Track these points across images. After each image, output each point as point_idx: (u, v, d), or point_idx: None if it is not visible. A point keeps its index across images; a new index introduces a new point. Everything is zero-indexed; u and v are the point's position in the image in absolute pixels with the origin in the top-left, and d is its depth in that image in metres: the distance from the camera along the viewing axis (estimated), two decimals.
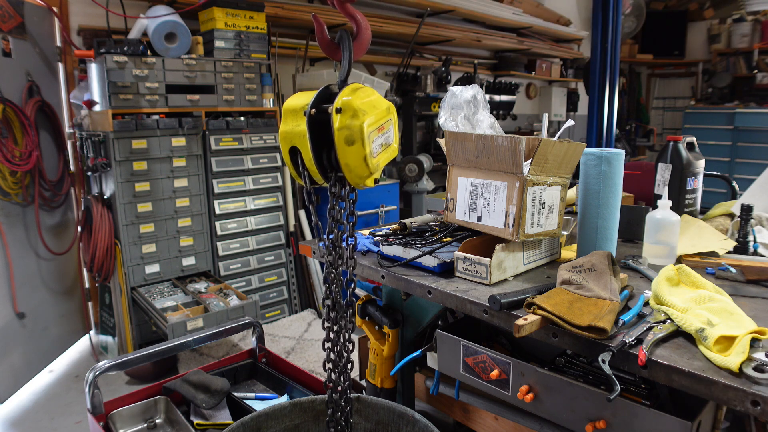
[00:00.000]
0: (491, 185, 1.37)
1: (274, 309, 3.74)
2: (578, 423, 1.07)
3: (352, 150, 0.81)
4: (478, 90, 1.57)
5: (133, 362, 1.54)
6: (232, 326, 1.72)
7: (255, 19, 3.44)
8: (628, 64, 8.32)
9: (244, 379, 1.74)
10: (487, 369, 1.21)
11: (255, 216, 3.58)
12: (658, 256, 1.43)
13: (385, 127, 0.87)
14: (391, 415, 1.11)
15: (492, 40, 5.44)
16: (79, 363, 3.26)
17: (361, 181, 0.86)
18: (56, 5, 3.16)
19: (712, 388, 0.85)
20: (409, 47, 4.62)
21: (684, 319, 0.98)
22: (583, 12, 7.17)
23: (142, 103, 3.04)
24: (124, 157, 2.99)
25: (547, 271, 1.41)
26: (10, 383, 2.83)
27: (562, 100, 6.85)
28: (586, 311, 1.02)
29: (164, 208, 3.18)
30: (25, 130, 2.86)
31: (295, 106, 0.85)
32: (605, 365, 0.92)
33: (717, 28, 7.94)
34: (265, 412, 1.11)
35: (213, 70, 3.29)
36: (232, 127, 3.38)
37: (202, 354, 3.13)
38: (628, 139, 7.78)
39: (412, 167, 4.38)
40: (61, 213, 3.29)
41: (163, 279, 3.22)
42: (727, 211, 1.75)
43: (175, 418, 1.45)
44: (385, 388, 1.59)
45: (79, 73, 3.31)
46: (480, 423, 1.44)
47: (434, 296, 1.29)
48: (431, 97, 4.79)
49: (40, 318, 3.07)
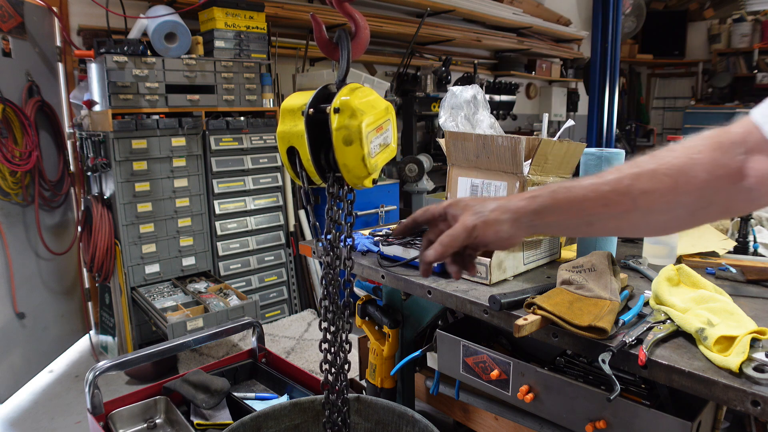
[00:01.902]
0: (491, 185, 1.37)
1: (274, 309, 3.74)
2: (578, 423, 1.07)
3: (350, 150, 0.81)
4: (478, 90, 1.56)
5: (133, 362, 1.53)
6: (232, 326, 1.72)
7: (255, 19, 3.44)
8: (628, 64, 8.32)
9: (244, 379, 1.74)
10: (487, 369, 1.21)
11: (255, 216, 3.58)
12: (658, 256, 1.43)
13: (384, 127, 0.87)
14: (391, 415, 1.11)
15: (492, 40, 5.44)
16: (79, 363, 3.26)
17: (359, 181, 0.85)
18: (56, 5, 3.16)
19: (712, 388, 0.85)
20: (409, 47, 4.62)
21: (684, 319, 0.98)
22: (583, 12, 7.17)
23: (142, 103, 3.04)
24: (124, 157, 2.99)
25: (547, 271, 1.41)
26: (10, 383, 2.83)
27: (562, 100, 6.85)
28: (586, 311, 1.02)
29: (164, 208, 3.18)
30: (25, 130, 2.86)
31: (293, 106, 0.84)
32: (605, 365, 0.92)
33: (717, 28, 7.94)
34: (265, 412, 1.11)
35: (213, 70, 3.29)
36: (232, 127, 3.38)
37: (202, 354, 3.13)
38: (628, 139, 7.78)
39: (412, 167, 4.38)
40: (61, 213, 3.29)
41: (163, 279, 3.22)
42: None
43: (175, 418, 1.45)
44: (385, 388, 1.59)
45: (79, 73, 3.31)
46: (480, 423, 1.44)
47: (434, 296, 1.29)
48: (431, 97, 4.79)
49: (40, 318, 3.07)
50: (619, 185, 0.73)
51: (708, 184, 0.69)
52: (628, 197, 0.73)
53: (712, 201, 0.70)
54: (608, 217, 0.76)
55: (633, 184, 0.73)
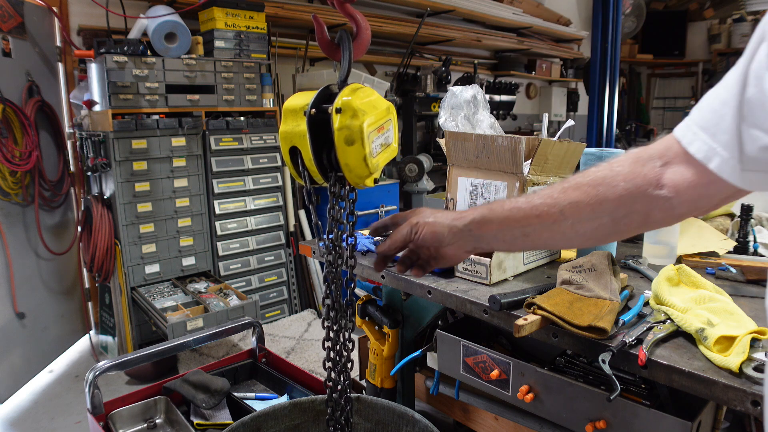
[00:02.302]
0: (491, 185, 1.37)
1: (274, 309, 3.74)
2: (578, 423, 1.07)
3: (351, 150, 0.82)
4: (478, 90, 1.57)
5: (133, 362, 1.53)
6: (232, 326, 1.72)
7: (255, 19, 3.44)
8: (628, 64, 8.32)
9: (244, 379, 1.74)
10: (487, 369, 1.21)
11: (255, 216, 3.58)
12: (658, 256, 1.43)
13: (385, 127, 0.87)
14: (391, 415, 1.11)
15: (492, 40, 5.44)
16: (79, 363, 3.26)
17: (361, 180, 0.86)
18: (56, 5, 3.16)
19: (712, 388, 0.85)
20: (409, 47, 4.62)
21: (684, 319, 0.98)
22: (583, 12, 7.17)
23: (142, 103, 3.04)
24: (124, 157, 2.99)
25: (547, 271, 1.41)
26: (10, 383, 2.83)
27: (562, 100, 6.85)
28: (586, 311, 1.02)
29: (164, 208, 3.18)
30: (25, 130, 2.86)
31: (295, 106, 0.85)
32: (605, 365, 0.92)
33: (717, 28, 7.94)
34: (265, 412, 1.11)
35: (213, 70, 3.29)
36: (232, 127, 3.38)
37: (202, 354, 3.13)
38: (628, 139, 7.78)
39: (412, 167, 4.38)
40: (61, 213, 3.29)
41: (163, 279, 3.22)
42: (727, 211, 1.75)
43: (175, 418, 1.45)
44: (385, 388, 1.59)
45: (79, 73, 3.31)
46: (480, 423, 1.44)
47: (434, 296, 1.29)
48: (431, 97, 4.79)
49: (40, 318, 3.07)
50: (549, 198, 0.80)
51: (627, 192, 0.74)
52: (556, 208, 0.79)
53: (632, 209, 0.75)
54: (541, 228, 0.81)
55: (560, 196, 0.79)
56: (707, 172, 0.66)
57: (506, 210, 0.83)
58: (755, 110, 0.60)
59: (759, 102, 0.59)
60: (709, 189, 0.68)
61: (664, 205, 0.73)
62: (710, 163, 0.66)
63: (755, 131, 0.61)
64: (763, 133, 0.60)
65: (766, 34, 0.57)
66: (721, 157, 0.65)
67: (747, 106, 0.61)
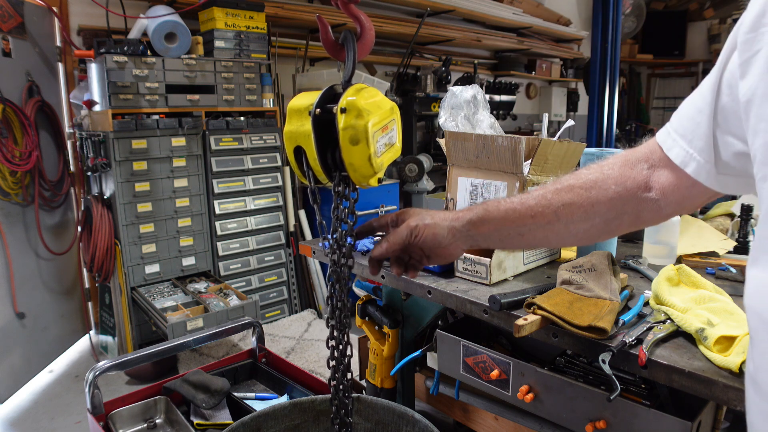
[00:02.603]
0: (491, 185, 1.37)
1: (274, 309, 3.74)
2: (578, 423, 1.07)
3: (356, 150, 0.82)
4: (478, 90, 1.57)
5: (133, 362, 1.53)
6: (232, 326, 1.71)
7: (255, 19, 3.45)
8: (628, 64, 8.32)
9: (244, 379, 1.73)
10: (487, 369, 1.21)
11: (255, 216, 3.58)
12: (658, 256, 1.43)
13: (389, 127, 0.87)
14: (391, 415, 1.11)
15: (492, 40, 5.44)
16: (79, 363, 3.26)
17: (365, 180, 0.86)
18: (56, 5, 3.16)
19: (712, 388, 0.85)
20: (409, 47, 4.62)
21: (684, 319, 0.99)
22: (583, 12, 7.17)
23: (142, 103, 3.04)
24: (124, 157, 2.99)
25: (547, 271, 1.41)
26: (10, 383, 2.83)
27: (562, 100, 6.85)
28: (586, 311, 1.02)
29: (164, 208, 3.18)
30: (25, 130, 2.86)
31: (299, 106, 0.85)
32: (605, 365, 0.92)
33: (717, 28, 7.94)
34: (265, 412, 1.11)
35: (213, 70, 3.29)
36: (232, 127, 3.38)
37: (202, 354, 3.13)
38: (628, 139, 7.78)
39: (412, 167, 4.38)
40: (61, 213, 3.29)
41: (163, 279, 3.22)
42: (727, 211, 1.75)
43: (175, 418, 1.45)
44: (385, 388, 1.59)
45: (79, 73, 3.31)
46: (480, 423, 1.44)
47: (434, 296, 1.29)
48: (431, 97, 4.79)
49: (40, 318, 3.07)
50: (543, 199, 0.82)
51: (618, 195, 0.77)
52: (550, 209, 0.81)
53: (624, 210, 0.79)
54: (536, 228, 0.84)
55: (554, 197, 0.82)
56: (687, 176, 0.70)
57: (502, 211, 0.85)
58: (729, 118, 0.63)
59: (732, 110, 0.62)
60: (691, 191, 0.73)
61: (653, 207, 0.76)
62: (687, 167, 0.70)
63: (729, 138, 0.64)
64: (736, 139, 0.63)
65: (738, 44, 0.59)
66: (698, 162, 0.68)
67: (721, 114, 0.64)
